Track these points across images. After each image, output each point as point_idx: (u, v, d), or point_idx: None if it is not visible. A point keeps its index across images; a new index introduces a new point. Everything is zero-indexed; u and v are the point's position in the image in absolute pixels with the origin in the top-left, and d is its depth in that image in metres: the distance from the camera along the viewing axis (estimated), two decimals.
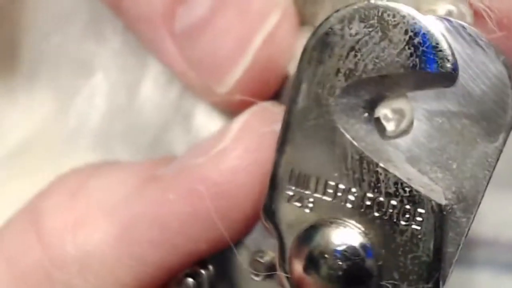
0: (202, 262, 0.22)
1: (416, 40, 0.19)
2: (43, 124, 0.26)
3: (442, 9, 0.20)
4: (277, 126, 0.21)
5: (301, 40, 0.22)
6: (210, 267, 0.23)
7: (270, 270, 0.22)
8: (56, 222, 0.22)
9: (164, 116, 0.25)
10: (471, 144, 0.20)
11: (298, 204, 0.21)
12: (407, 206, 0.20)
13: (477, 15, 0.20)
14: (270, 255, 0.22)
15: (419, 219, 0.20)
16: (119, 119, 0.25)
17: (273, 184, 0.21)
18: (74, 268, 0.22)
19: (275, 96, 0.23)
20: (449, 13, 0.20)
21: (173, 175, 0.22)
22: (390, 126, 0.21)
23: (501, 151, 0.20)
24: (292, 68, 0.23)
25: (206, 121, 0.25)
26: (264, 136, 0.21)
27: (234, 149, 0.21)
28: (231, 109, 0.23)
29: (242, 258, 0.22)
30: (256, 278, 0.22)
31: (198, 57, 0.23)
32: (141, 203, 0.22)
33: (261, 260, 0.22)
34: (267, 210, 0.21)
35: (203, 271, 0.22)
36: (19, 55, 0.26)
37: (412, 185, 0.20)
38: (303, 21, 0.23)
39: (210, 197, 0.21)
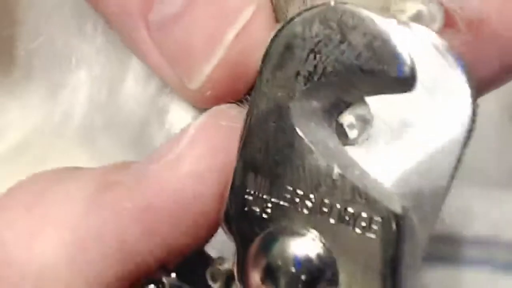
0: (164, 269, 0.22)
1: (375, 44, 0.19)
2: (40, 120, 0.27)
3: (412, 9, 0.20)
4: (235, 130, 0.21)
5: None
6: (173, 274, 0.22)
7: (229, 278, 0.22)
8: (12, 235, 0.22)
9: (144, 111, 0.25)
10: (429, 157, 0.19)
11: (257, 209, 0.21)
12: (364, 214, 0.19)
13: (448, 16, 0.20)
14: (230, 262, 0.22)
15: (375, 227, 0.19)
16: (101, 114, 0.25)
17: (232, 188, 0.21)
18: (29, 284, 0.21)
19: (248, 92, 0.23)
20: (419, 13, 0.20)
21: (129, 182, 0.21)
22: (352, 134, 0.20)
23: (460, 160, 0.19)
24: None
25: (180, 116, 0.24)
26: (222, 138, 0.21)
27: (189, 154, 0.21)
28: (203, 106, 0.23)
29: (202, 265, 0.22)
30: (214, 286, 0.22)
31: (172, 51, 0.22)
32: (97, 213, 0.21)
33: (220, 268, 0.22)
34: (227, 215, 0.21)
35: (165, 279, 0.22)
36: (15, 52, 0.26)
37: (369, 192, 0.19)
38: (278, 18, 0.23)
39: (168, 204, 0.21)
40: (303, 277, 0.20)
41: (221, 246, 0.22)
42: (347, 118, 0.20)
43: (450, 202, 0.19)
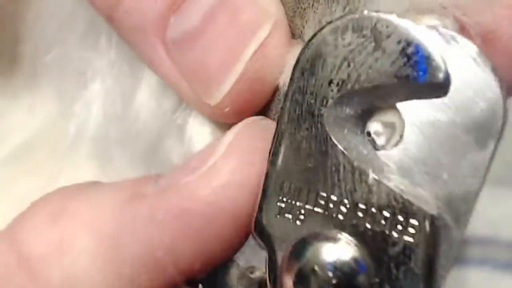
0: (192, 281, 0.22)
1: (409, 50, 0.19)
2: (45, 126, 0.26)
3: (427, 23, 0.20)
4: (268, 140, 0.21)
5: (293, 52, 0.22)
6: (200, 286, 0.22)
7: (260, 286, 0.22)
8: (38, 246, 0.21)
9: (159, 125, 0.25)
10: (461, 154, 0.20)
11: (289, 217, 0.21)
12: (400, 218, 0.20)
13: (462, 30, 0.21)
14: (261, 271, 0.22)
15: (411, 230, 0.20)
16: (115, 126, 0.25)
17: (264, 196, 0.21)
18: None
19: (266, 108, 0.23)
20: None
21: (162, 193, 0.21)
22: (380, 141, 0.21)
23: (491, 160, 0.19)
24: (283, 80, 0.23)
25: (199, 131, 0.24)
26: (255, 150, 0.21)
27: (224, 165, 0.21)
28: (222, 121, 0.23)
29: (232, 274, 0.22)
30: None
31: (189, 68, 0.22)
32: (129, 222, 0.21)
33: (252, 276, 0.22)
34: (258, 223, 0.21)
35: None
36: (23, 56, 0.26)
37: (405, 196, 0.20)
38: (293, 33, 0.23)
39: (200, 215, 0.21)
40: (337, 281, 0.20)
41: (250, 254, 0.22)
42: (374, 126, 0.21)
43: None
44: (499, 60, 0.20)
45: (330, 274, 0.20)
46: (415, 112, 0.20)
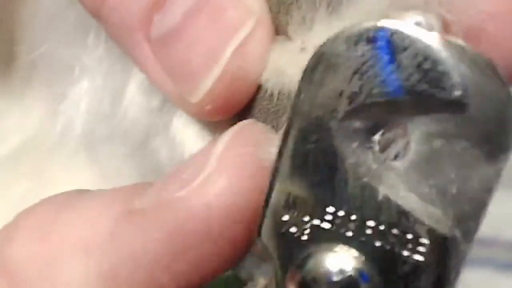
0: None
1: (425, 65, 0.19)
2: (42, 127, 0.26)
3: (410, 19, 0.19)
4: (259, 145, 0.20)
5: (275, 49, 0.22)
6: None
7: None
8: (29, 265, 0.20)
9: (147, 123, 0.24)
10: (471, 167, 0.19)
11: (294, 231, 0.20)
12: (409, 236, 0.19)
13: (446, 26, 0.20)
14: (262, 283, 0.21)
15: (421, 249, 0.19)
16: (104, 124, 0.25)
17: (268, 210, 0.20)
18: None
19: (248, 106, 0.23)
20: (418, 24, 0.19)
21: (156, 209, 0.20)
22: (388, 155, 0.20)
23: (501, 173, 0.19)
24: (265, 78, 0.22)
25: (183, 131, 0.24)
26: (247, 160, 0.20)
27: (218, 178, 0.20)
28: (204, 119, 0.23)
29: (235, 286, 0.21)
30: None
31: (172, 66, 0.22)
32: (125, 241, 0.20)
33: None
34: (262, 237, 0.20)
35: None
36: (19, 56, 0.26)
37: (415, 215, 0.19)
38: (278, 30, 0.22)
39: (197, 231, 0.20)
40: None
41: (251, 266, 0.21)
42: (382, 139, 0.20)
43: None
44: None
45: (334, 284, 0.20)
46: (424, 125, 0.19)
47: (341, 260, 0.20)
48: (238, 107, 0.23)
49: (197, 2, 0.21)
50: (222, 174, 0.20)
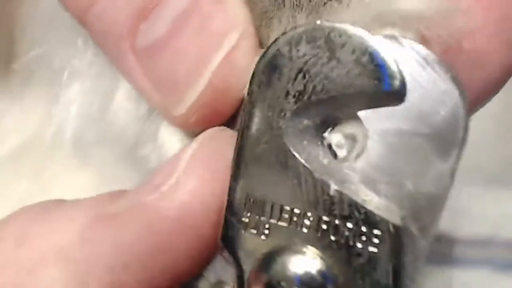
0: None
1: (363, 59, 0.19)
2: (39, 127, 0.26)
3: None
4: (230, 151, 0.21)
5: None
6: None
7: None
8: (5, 274, 0.21)
9: (136, 128, 0.25)
10: (425, 163, 0.19)
11: (254, 231, 0.21)
12: (363, 228, 0.20)
13: (425, 42, 0.20)
14: (230, 286, 0.21)
15: (375, 241, 0.19)
16: (93, 127, 0.25)
17: (229, 212, 0.21)
18: None
19: (232, 118, 0.23)
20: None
21: (126, 213, 0.21)
22: (342, 152, 0.20)
23: (455, 169, 0.19)
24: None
25: (169, 139, 0.24)
26: (217, 164, 0.21)
27: (186, 182, 0.21)
28: (189, 130, 0.23)
29: None
30: None
31: (158, 77, 0.22)
32: (95, 243, 0.21)
33: None
34: (224, 239, 0.21)
35: None
36: (18, 56, 0.26)
37: (367, 207, 0.19)
38: (261, 43, 0.23)
39: (166, 234, 0.21)
40: None
41: (220, 269, 0.22)
42: (335, 137, 0.21)
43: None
44: (461, 72, 0.20)
45: (298, 287, 0.20)
46: (378, 122, 0.20)
47: (305, 263, 0.20)
48: (222, 118, 0.23)
49: (183, 13, 0.21)
50: (191, 177, 0.21)
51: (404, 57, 0.19)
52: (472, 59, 0.20)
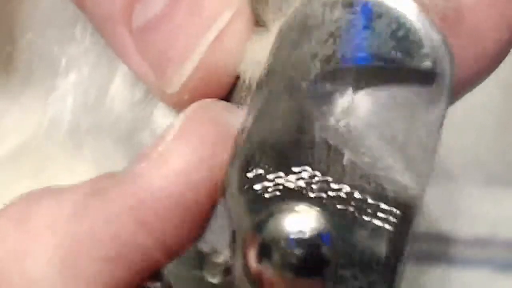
0: (157, 274, 0.21)
1: (399, 34, 0.19)
2: (39, 126, 0.26)
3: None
4: (220, 122, 0.21)
5: (254, 40, 0.22)
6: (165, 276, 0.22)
7: (227, 269, 0.21)
8: (3, 251, 0.21)
9: (133, 115, 0.25)
10: (414, 114, 0.19)
11: (258, 188, 0.20)
12: (370, 201, 0.20)
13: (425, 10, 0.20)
14: (226, 254, 0.21)
15: (381, 215, 0.20)
16: (90, 116, 0.25)
17: (233, 166, 0.20)
18: None
19: (226, 97, 0.23)
20: None
21: (116, 186, 0.20)
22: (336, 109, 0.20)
23: (443, 117, 0.19)
24: (243, 69, 0.22)
25: (164, 120, 0.24)
26: (208, 131, 0.21)
27: (174, 151, 0.20)
28: (183, 109, 0.22)
29: (197, 261, 0.21)
30: (213, 280, 0.21)
31: (153, 56, 0.22)
32: (86, 219, 0.20)
33: (217, 261, 0.21)
34: (224, 193, 0.20)
35: (159, 283, 0.21)
36: (17, 55, 0.26)
37: (378, 180, 0.19)
38: (257, 22, 0.23)
39: (158, 202, 0.20)
40: (298, 252, 0.19)
41: (214, 239, 0.21)
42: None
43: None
44: (461, 41, 0.20)
45: (293, 246, 0.20)
46: (367, 79, 0.20)
47: (303, 221, 0.20)
48: (216, 97, 0.23)
49: None
50: (181, 143, 0.20)
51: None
52: (470, 33, 0.21)
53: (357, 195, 0.20)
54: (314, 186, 0.20)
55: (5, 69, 0.26)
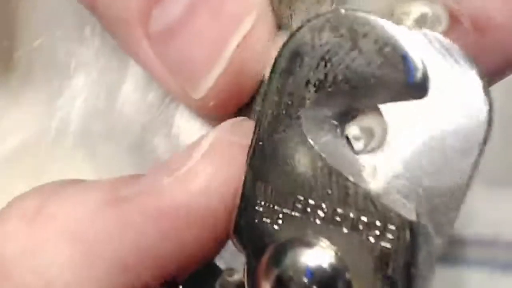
0: (172, 283, 0.22)
1: (386, 50, 0.19)
2: (39, 126, 0.26)
3: (416, 11, 0.20)
4: (247, 143, 0.21)
5: (277, 44, 0.22)
6: (181, 287, 0.22)
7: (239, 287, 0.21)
8: (12, 246, 0.21)
9: (144, 119, 0.25)
10: (444, 160, 0.19)
11: (268, 221, 0.20)
12: (377, 223, 0.19)
13: (453, 16, 0.20)
14: (240, 274, 0.21)
15: (389, 236, 0.19)
16: (99, 120, 0.25)
17: (243, 200, 0.21)
18: None
19: (251, 101, 0.23)
20: (424, 15, 0.20)
21: (139, 196, 0.21)
22: (358, 145, 0.20)
23: (476, 168, 0.19)
24: (267, 73, 0.22)
25: (186, 127, 0.24)
26: (235, 153, 0.21)
27: (203, 169, 0.21)
28: (207, 114, 0.23)
29: (212, 278, 0.21)
30: None
31: (173, 62, 0.22)
32: (105, 224, 0.21)
33: (230, 279, 0.21)
34: (237, 227, 0.21)
35: None
36: (16, 54, 0.26)
37: (382, 201, 0.19)
38: (279, 24, 0.22)
39: (178, 218, 0.20)
40: (315, 287, 0.19)
41: (230, 257, 0.21)
42: (353, 129, 0.20)
43: None
44: (489, 49, 0.20)
45: (309, 280, 0.19)
46: (400, 116, 0.19)
47: (317, 256, 0.20)
48: (241, 102, 0.23)
49: None
50: (208, 164, 0.21)
51: (428, 49, 0.19)
52: (501, 35, 0.20)
53: (363, 218, 0.19)
54: (320, 213, 0.20)
55: (4, 68, 0.26)
